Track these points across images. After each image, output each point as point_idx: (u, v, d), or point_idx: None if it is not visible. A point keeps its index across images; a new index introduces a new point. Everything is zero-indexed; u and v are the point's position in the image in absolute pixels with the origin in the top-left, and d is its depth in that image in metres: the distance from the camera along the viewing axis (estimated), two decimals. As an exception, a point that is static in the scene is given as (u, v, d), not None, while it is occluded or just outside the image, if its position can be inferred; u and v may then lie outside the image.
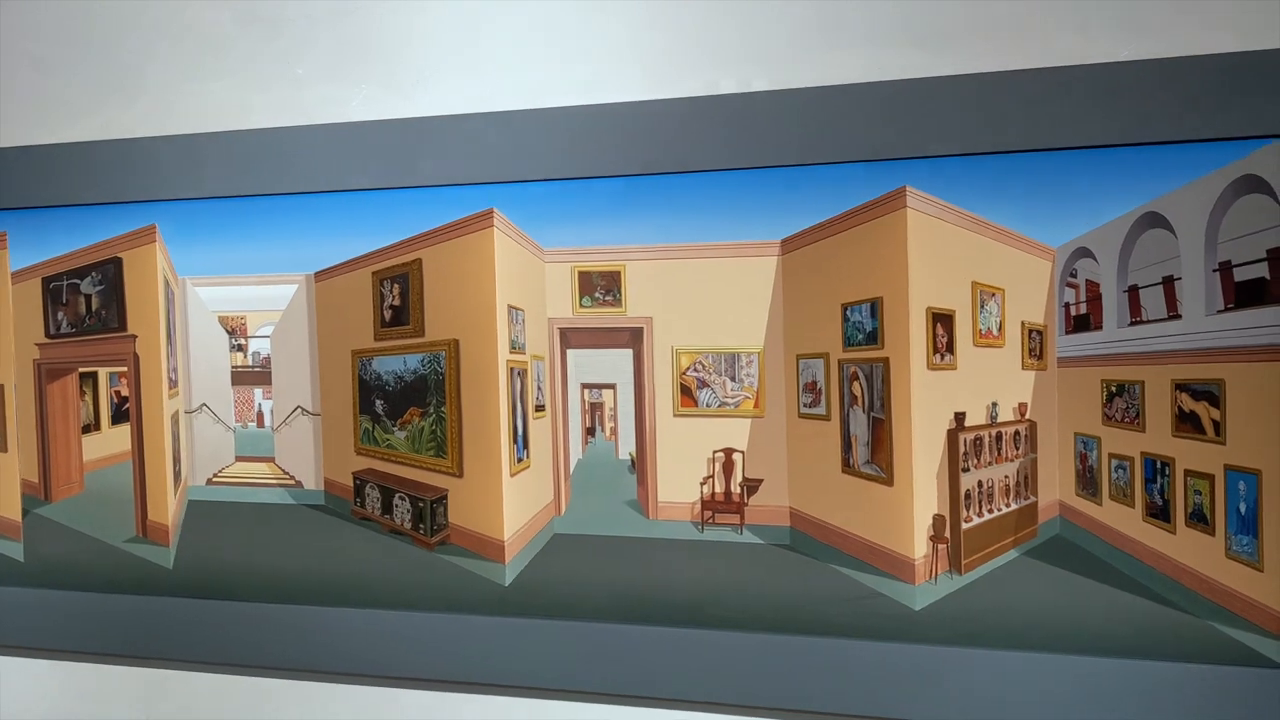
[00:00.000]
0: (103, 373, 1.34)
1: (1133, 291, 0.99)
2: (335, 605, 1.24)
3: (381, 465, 1.22)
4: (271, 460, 1.24)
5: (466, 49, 1.19)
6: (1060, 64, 1.00)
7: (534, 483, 1.17)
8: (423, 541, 1.20)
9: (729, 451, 1.10)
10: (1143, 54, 1.00)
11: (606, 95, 1.13)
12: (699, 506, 1.11)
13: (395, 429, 1.21)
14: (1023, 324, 1.01)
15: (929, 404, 1.05)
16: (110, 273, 1.32)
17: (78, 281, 1.33)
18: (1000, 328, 1.02)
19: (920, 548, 1.06)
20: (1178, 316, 0.99)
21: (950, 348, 1.05)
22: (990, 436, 1.04)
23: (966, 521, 1.05)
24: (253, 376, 1.22)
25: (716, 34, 1.11)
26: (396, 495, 1.20)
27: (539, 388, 1.16)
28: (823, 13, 1.07)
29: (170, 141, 1.26)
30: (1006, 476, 1.03)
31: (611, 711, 1.18)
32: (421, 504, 1.20)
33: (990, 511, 1.04)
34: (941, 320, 1.05)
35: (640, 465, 1.13)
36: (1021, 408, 1.02)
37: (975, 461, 1.04)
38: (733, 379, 1.09)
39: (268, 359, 1.23)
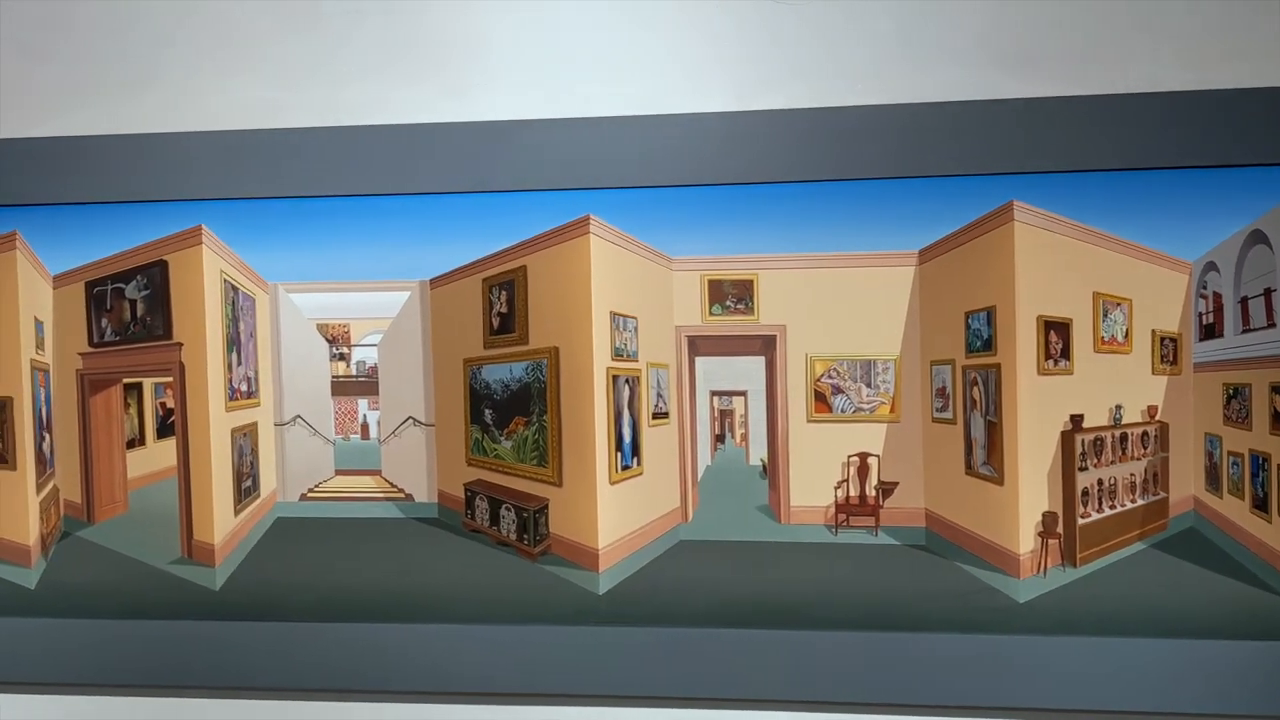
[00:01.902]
0: (147, 384, 1.25)
1: (1244, 302, 1.08)
2: (415, 621, 1.19)
3: (490, 476, 1.18)
4: (378, 473, 1.18)
5: (529, 52, 1.17)
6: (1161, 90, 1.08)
7: (647, 490, 1.16)
8: (526, 552, 1.18)
9: (864, 456, 1.12)
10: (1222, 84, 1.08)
11: (681, 106, 1.14)
12: (833, 510, 1.13)
13: (502, 438, 1.18)
14: (1154, 332, 1.08)
15: (1040, 407, 1.11)
16: (156, 277, 1.23)
17: (123, 286, 1.23)
18: (1127, 335, 1.09)
19: (1026, 544, 1.12)
20: (1274, 325, 1.08)
21: (1066, 354, 1.10)
22: (1113, 437, 1.10)
23: (1084, 517, 1.11)
24: (357, 387, 1.16)
25: (809, 47, 1.13)
26: (503, 506, 1.18)
27: (660, 395, 1.15)
28: (957, 34, 1.11)
29: (236, 137, 1.18)
30: (1132, 474, 1.10)
31: (694, 715, 1.19)
32: (525, 514, 1.17)
33: (1112, 507, 1.11)
34: (1055, 328, 1.10)
35: (772, 471, 1.14)
36: (1151, 410, 1.09)
37: (1095, 460, 1.11)
38: (869, 385, 1.11)
39: (374, 368, 1.17)
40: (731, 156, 1.12)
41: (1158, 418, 1.09)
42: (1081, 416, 1.11)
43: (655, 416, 1.16)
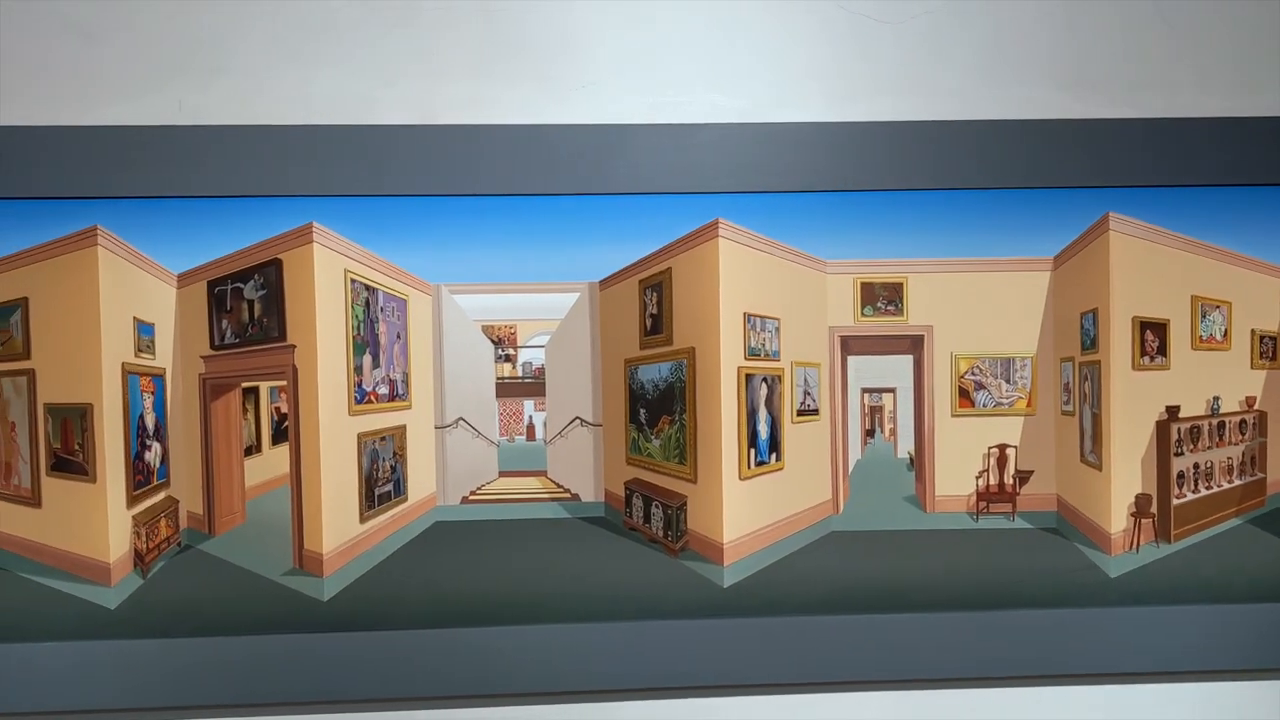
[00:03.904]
0: (263, 387, 1.20)
1: (1321, 304, 1.23)
2: (528, 623, 1.20)
3: (644, 474, 1.20)
4: (543, 474, 1.17)
5: (631, 55, 1.20)
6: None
7: (787, 485, 1.21)
8: (669, 548, 1.20)
9: (1003, 447, 1.21)
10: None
11: (778, 115, 1.20)
12: (974, 498, 1.21)
13: (653, 437, 1.20)
14: (1253, 331, 1.22)
15: (1133, 400, 1.22)
16: (271, 276, 1.18)
17: (241, 285, 1.18)
18: (1226, 334, 1.22)
19: (1118, 523, 1.23)
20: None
21: (1163, 351, 1.23)
22: (1210, 425, 1.23)
23: (1179, 498, 1.24)
24: (522, 388, 1.15)
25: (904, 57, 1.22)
26: (653, 503, 1.20)
27: (807, 393, 1.20)
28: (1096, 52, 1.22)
29: (356, 131, 1.16)
30: (1229, 458, 1.24)
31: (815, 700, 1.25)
32: (670, 511, 1.20)
33: (1208, 488, 1.24)
34: (1152, 328, 1.23)
35: (919, 463, 1.21)
36: (1249, 400, 1.23)
37: (1191, 446, 1.24)
38: (1008, 381, 1.20)
39: (541, 369, 1.16)
40: (873, 162, 1.18)
41: (1256, 407, 1.23)
42: (1178, 407, 1.23)
43: (801, 414, 1.21)
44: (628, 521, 1.20)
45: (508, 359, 1.16)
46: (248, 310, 1.18)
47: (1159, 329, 1.23)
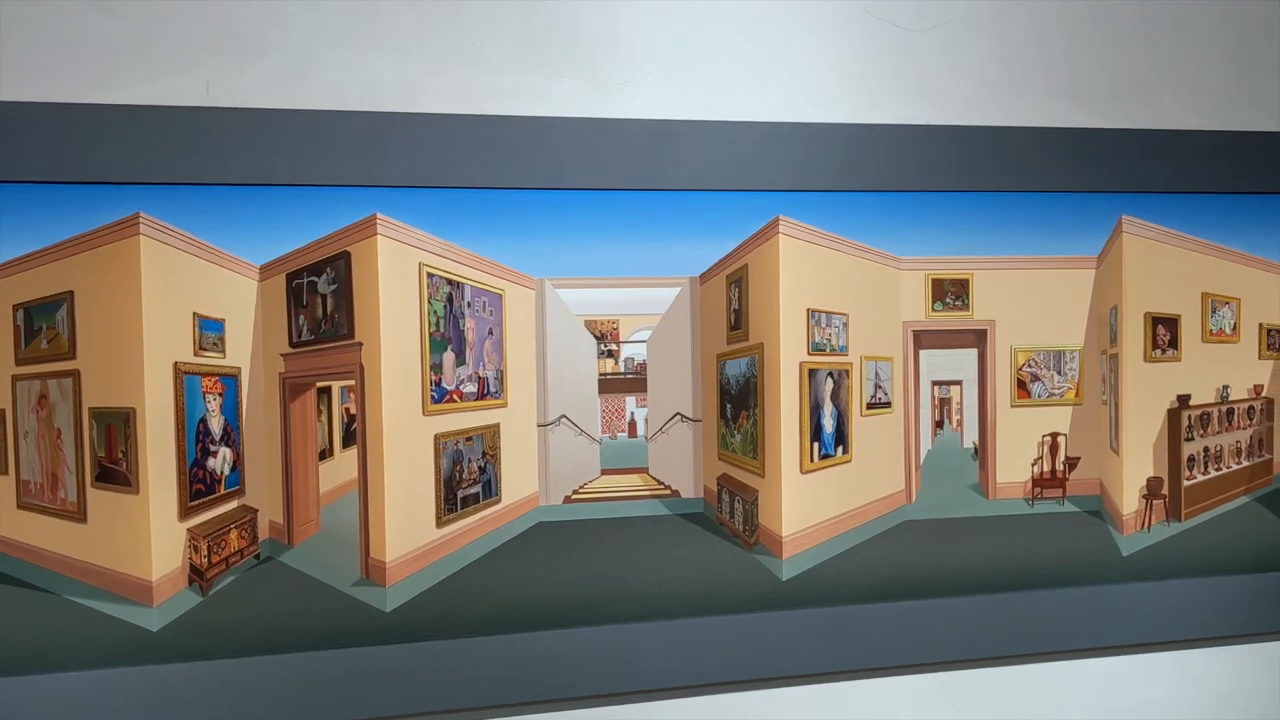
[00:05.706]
0: (335, 388, 1.14)
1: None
2: (584, 625, 1.20)
3: (729, 469, 1.21)
4: (644, 471, 1.16)
5: (678, 51, 1.21)
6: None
7: (855, 477, 1.25)
8: (746, 541, 1.22)
9: (1054, 435, 1.29)
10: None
11: (811, 115, 1.25)
12: (1030, 485, 1.29)
13: (735, 432, 1.21)
14: (1260, 325, 1.34)
15: (1146, 389, 1.33)
16: (341, 270, 1.13)
17: (315, 279, 1.12)
18: (1235, 328, 1.34)
19: (1130, 505, 1.34)
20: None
21: (1174, 344, 1.34)
22: (1220, 412, 1.36)
23: (1190, 480, 1.36)
24: (624, 384, 1.13)
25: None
26: (736, 498, 1.21)
27: (878, 386, 1.24)
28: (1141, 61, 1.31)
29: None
30: (1238, 442, 1.36)
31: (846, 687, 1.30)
32: (745, 505, 1.22)
33: (1217, 470, 1.36)
34: (1163, 322, 1.34)
35: (982, 452, 1.27)
36: (1257, 388, 1.35)
37: (1201, 432, 1.35)
38: (1059, 373, 1.28)
39: (643, 364, 1.15)
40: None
41: (1264, 395, 1.36)
42: (1188, 396, 1.35)
43: (871, 407, 1.24)
44: (719, 517, 1.21)
45: (610, 354, 1.14)
46: (321, 305, 1.11)
47: (1170, 324, 1.34)
